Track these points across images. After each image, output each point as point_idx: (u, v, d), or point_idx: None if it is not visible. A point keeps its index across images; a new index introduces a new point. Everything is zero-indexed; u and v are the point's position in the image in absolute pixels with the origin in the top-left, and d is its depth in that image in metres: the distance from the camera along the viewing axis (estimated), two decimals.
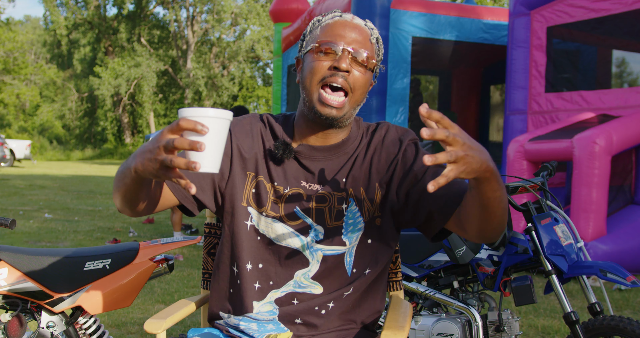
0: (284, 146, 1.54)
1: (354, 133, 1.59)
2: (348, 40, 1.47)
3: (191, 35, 37.81)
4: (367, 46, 1.49)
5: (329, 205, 1.54)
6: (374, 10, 7.34)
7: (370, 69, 1.50)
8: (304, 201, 1.54)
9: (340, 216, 1.54)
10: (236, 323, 1.59)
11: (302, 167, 1.56)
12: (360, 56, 1.47)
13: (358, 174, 1.56)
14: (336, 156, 1.56)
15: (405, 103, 7.61)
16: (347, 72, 1.45)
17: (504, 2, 27.58)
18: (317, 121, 1.51)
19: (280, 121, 1.61)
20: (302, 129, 1.56)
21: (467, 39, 7.93)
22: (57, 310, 2.30)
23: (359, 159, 1.57)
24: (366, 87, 1.51)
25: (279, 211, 1.54)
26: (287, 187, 1.55)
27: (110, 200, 12.28)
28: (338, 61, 1.45)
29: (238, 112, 5.75)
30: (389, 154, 1.56)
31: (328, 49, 1.47)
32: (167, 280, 5.22)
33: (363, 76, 1.48)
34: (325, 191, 1.54)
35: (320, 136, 1.55)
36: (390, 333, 1.52)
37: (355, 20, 1.51)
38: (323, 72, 1.46)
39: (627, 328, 2.41)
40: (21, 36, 35.17)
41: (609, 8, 6.21)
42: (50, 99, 40.73)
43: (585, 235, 5.36)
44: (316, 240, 1.54)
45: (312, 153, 1.55)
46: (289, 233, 1.54)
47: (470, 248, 2.49)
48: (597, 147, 5.38)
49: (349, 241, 1.55)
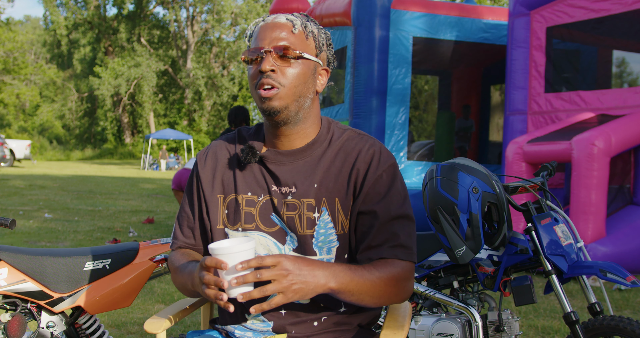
0: (248, 149, 1.57)
1: (322, 135, 1.58)
2: (268, 40, 1.50)
3: (191, 35, 37.81)
4: (290, 38, 1.50)
5: (299, 212, 1.53)
6: (374, 11, 7.34)
7: (300, 58, 1.51)
8: (276, 206, 1.55)
9: (312, 225, 1.53)
10: (232, 331, 1.60)
11: (268, 172, 1.57)
12: (282, 51, 1.49)
13: (331, 183, 1.54)
14: (302, 160, 1.56)
15: (406, 103, 7.61)
16: (272, 70, 1.48)
17: (504, 2, 27.59)
18: (270, 121, 1.54)
19: (252, 130, 1.65)
20: (267, 134, 1.60)
21: (468, 39, 7.93)
22: (57, 310, 2.30)
23: (330, 166, 1.55)
24: (302, 78, 1.51)
25: (254, 220, 1.55)
26: (260, 195, 1.56)
27: (110, 200, 12.29)
28: (260, 64, 1.49)
29: (238, 113, 5.75)
30: (365, 173, 1.53)
31: (252, 56, 1.51)
32: (167, 280, 5.23)
33: (292, 68, 1.50)
34: (294, 198, 1.54)
35: (284, 139, 1.56)
36: (390, 333, 1.52)
37: (277, 19, 1.53)
38: (254, 79, 1.51)
39: (627, 328, 2.41)
40: (21, 36, 35.18)
41: (609, 8, 6.21)
42: (50, 99, 40.74)
43: (584, 237, 5.35)
44: (292, 248, 1.54)
45: (277, 157, 1.56)
46: (267, 241, 1.55)
47: (471, 248, 2.50)
48: (596, 149, 5.37)
49: (319, 251, 1.53)
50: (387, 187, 1.53)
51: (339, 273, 1.40)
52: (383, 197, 1.52)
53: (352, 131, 1.61)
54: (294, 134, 1.55)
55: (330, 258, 1.54)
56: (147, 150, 28.68)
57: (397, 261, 1.51)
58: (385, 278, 1.47)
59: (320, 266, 1.38)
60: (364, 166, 1.53)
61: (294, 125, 1.54)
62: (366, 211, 1.52)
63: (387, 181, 1.54)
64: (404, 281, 1.51)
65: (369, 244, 1.52)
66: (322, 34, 1.57)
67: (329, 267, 1.40)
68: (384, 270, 1.48)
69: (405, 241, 1.52)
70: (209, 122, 37.62)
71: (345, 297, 1.42)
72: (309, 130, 1.57)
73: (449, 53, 8.44)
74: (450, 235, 2.45)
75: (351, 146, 1.57)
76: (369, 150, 1.55)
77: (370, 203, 1.52)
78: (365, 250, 1.52)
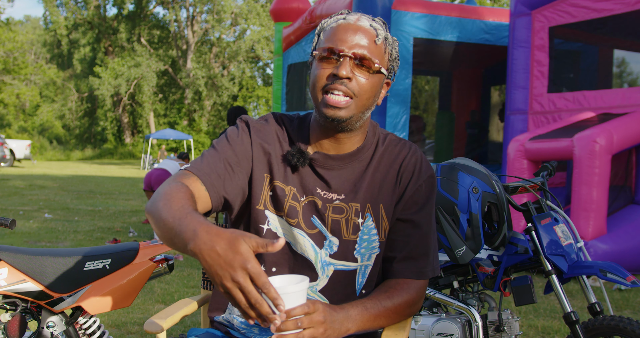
0: (298, 154, 1.51)
1: (369, 140, 1.56)
2: (349, 44, 1.43)
3: (191, 35, 37.81)
4: (372, 48, 1.44)
5: (346, 216, 1.52)
6: (375, 11, 7.34)
7: (376, 71, 1.46)
8: (320, 209, 1.52)
9: (356, 230, 1.52)
10: (239, 324, 1.58)
11: (317, 175, 1.53)
12: (363, 61, 1.43)
13: (377, 189, 1.54)
14: (351, 165, 1.54)
15: (406, 104, 7.61)
16: (348, 78, 1.42)
17: (504, 2, 27.59)
18: (327, 125, 1.48)
19: (296, 125, 1.58)
20: (316, 134, 1.54)
21: (469, 40, 7.93)
22: (57, 310, 2.30)
23: (376, 171, 1.55)
24: (373, 91, 1.46)
25: (296, 216, 1.52)
26: (304, 195, 1.53)
27: (110, 200, 12.28)
28: (338, 68, 1.42)
29: (237, 113, 5.72)
30: (409, 181, 1.54)
31: (329, 56, 1.44)
32: (167, 280, 5.22)
33: (367, 80, 1.44)
34: (342, 202, 1.52)
35: (334, 142, 1.53)
36: (391, 333, 1.52)
37: (360, 22, 1.46)
38: (324, 80, 1.44)
39: (627, 328, 2.41)
40: (21, 36, 35.17)
41: (611, 8, 6.21)
42: (50, 99, 40.74)
43: (585, 234, 5.35)
44: (330, 253, 1.52)
45: (326, 162, 1.53)
46: (305, 241, 1.52)
47: (471, 248, 2.49)
48: (598, 146, 5.38)
49: (360, 258, 1.53)
50: (425, 198, 1.55)
51: (357, 316, 1.42)
52: (421, 207, 1.54)
53: (393, 135, 1.61)
54: (345, 138, 1.52)
55: (368, 265, 1.54)
56: (147, 150, 28.68)
57: (415, 281, 1.54)
58: (399, 306, 1.50)
59: (340, 310, 1.39)
60: (408, 174, 1.54)
61: (349, 132, 1.51)
62: (404, 220, 1.54)
63: (426, 192, 1.55)
64: (416, 303, 1.55)
65: (408, 255, 1.54)
66: (395, 46, 1.53)
67: (347, 311, 1.41)
68: (398, 297, 1.50)
69: (432, 258, 1.56)
70: (209, 122, 37.62)
71: (365, 329, 1.45)
72: (360, 136, 1.55)
73: (450, 54, 8.44)
74: (450, 235, 2.45)
75: (395, 152, 1.57)
76: (412, 158, 1.56)
77: (409, 211, 1.54)
78: (402, 260, 1.54)
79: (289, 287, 1.22)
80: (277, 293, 1.12)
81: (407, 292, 1.52)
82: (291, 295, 1.23)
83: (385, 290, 1.51)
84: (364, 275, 1.54)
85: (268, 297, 1.12)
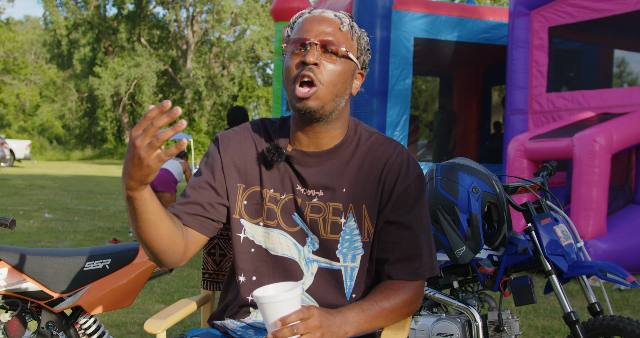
0: (274, 150, 1.52)
1: (350, 137, 1.55)
2: (315, 33, 1.45)
3: (191, 35, 37.80)
4: (337, 35, 1.47)
5: (324, 216, 1.52)
6: (375, 11, 7.34)
7: (344, 56, 1.48)
8: (300, 207, 1.52)
9: (337, 230, 1.52)
10: (234, 327, 1.59)
11: (295, 173, 1.53)
12: (329, 46, 1.45)
13: (359, 189, 1.52)
14: (329, 163, 1.53)
15: (406, 104, 7.61)
16: (316, 64, 1.43)
17: (504, 2, 27.58)
18: (302, 118, 1.49)
19: (277, 125, 1.60)
20: (294, 131, 1.54)
21: (469, 40, 7.92)
22: (57, 310, 2.30)
23: (359, 170, 1.53)
24: (342, 77, 1.47)
25: (276, 217, 1.53)
26: (283, 193, 1.53)
27: (110, 200, 12.28)
28: (305, 55, 1.44)
29: (237, 113, 5.75)
30: (395, 182, 1.52)
31: (296, 46, 1.46)
32: (167, 280, 5.23)
33: (335, 65, 1.46)
34: (320, 201, 1.52)
35: (313, 138, 1.52)
36: (390, 333, 1.52)
37: (324, 14, 1.49)
38: (295, 70, 1.45)
39: (627, 328, 2.41)
40: (21, 36, 35.17)
41: (611, 8, 6.21)
42: (50, 99, 40.71)
43: (585, 234, 5.36)
44: (312, 250, 1.52)
45: (304, 159, 1.52)
46: (286, 240, 1.53)
47: (470, 248, 2.49)
48: (598, 145, 5.38)
49: (343, 258, 1.52)
50: (414, 199, 1.53)
51: (354, 319, 1.42)
52: (411, 208, 1.52)
53: (379, 134, 1.59)
54: (323, 132, 1.52)
55: (354, 267, 1.53)
56: None
57: (411, 282, 1.53)
58: (397, 306, 1.50)
59: (337, 314, 1.39)
60: (393, 174, 1.52)
61: (325, 124, 1.50)
62: (393, 222, 1.52)
63: (415, 193, 1.53)
64: (415, 302, 1.54)
65: (401, 257, 1.52)
66: (364, 37, 1.55)
67: (343, 314, 1.41)
68: (396, 298, 1.50)
69: (427, 258, 1.54)
70: (209, 123, 37.62)
71: (359, 334, 1.46)
72: (338, 131, 1.54)
73: (450, 54, 8.44)
74: (450, 235, 2.45)
75: (379, 151, 1.54)
76: (398, 157, 1.53)
77: (398, 213, 1.52)
78: (395, 262, 1.52)
79: (282, 295, 1.24)
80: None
81: (404, 292, 1.52)
82: (285, 302, 1.25)
83: (381, 291, 1.51)
84: (352, 278, 1.53)
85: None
